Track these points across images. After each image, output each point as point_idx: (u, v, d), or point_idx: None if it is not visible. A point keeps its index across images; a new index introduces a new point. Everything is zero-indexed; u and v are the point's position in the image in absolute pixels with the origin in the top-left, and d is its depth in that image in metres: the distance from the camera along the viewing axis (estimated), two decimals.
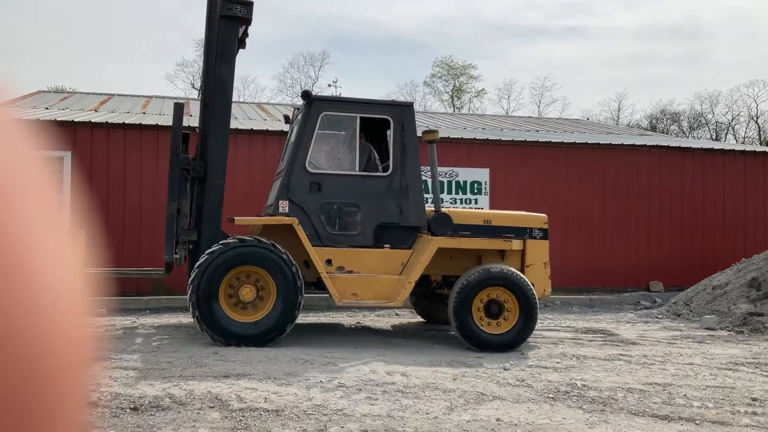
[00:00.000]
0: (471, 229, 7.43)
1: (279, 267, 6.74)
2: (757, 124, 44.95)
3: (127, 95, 17.54)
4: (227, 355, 6.07)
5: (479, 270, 7.03)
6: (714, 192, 12.83)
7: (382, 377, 5.34)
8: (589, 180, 12.32)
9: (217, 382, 4.99)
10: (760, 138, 43.93)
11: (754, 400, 4.88)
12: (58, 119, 10.52)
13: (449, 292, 7.15)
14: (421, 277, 7.22)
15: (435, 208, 7.49)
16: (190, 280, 6.70)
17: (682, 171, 12.76)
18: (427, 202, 8.33)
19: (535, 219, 7.75)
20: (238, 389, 4.78)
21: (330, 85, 38.34)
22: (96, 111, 13.26)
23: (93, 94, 17.50)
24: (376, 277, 7.17)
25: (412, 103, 8.09)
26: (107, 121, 10.60)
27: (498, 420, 4.25)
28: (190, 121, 10.10)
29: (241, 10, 7.17)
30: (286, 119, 8.61)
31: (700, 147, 13.62)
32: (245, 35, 7.63)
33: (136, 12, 62.93)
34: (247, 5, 7.19)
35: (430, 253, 7.10)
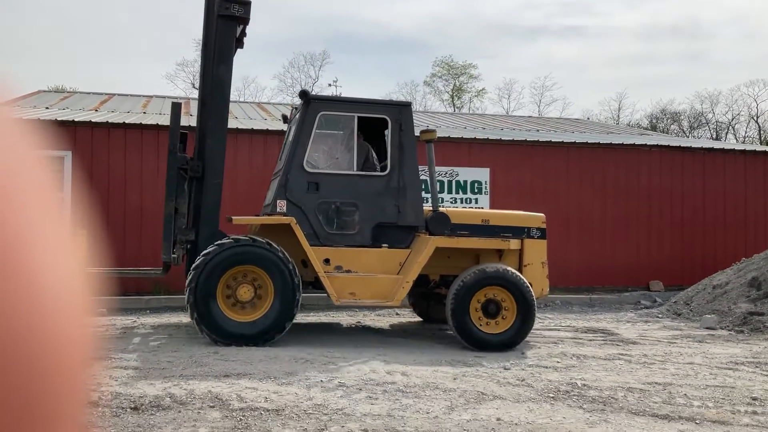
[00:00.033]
0: (469, 229, 7.44)
1: (276, 266, 6.73)
2: (758, 124, 44.96)
3: (127, 95, 17.54)
4: (228, 355, 6.07)
5: (477, 269, 7.03)
6: (714, 191, 12.83)
7: (382, 377, 5.34)
8: (590, 179, 12.32)
9: (217, 382, 4.99)
10: (760, 137, 43.91)
11: (754, 399, 4.89)
12: (59, 119, 10.53)
13: (447, 292, 7.16)
14: (419, 276, 7.22)
15: (433, 208, 7.48)
16: (187, 281, 6.70)
17: (682, 170, 12.76)
18: (426, 202, 8.34)
19: (533, 218, 7.75)
20: (239, 389, 4.79)
21: (330, 85, 38.42)
22: (96, 111, 13.27)
23: (93, 93, 17.50)
24: (374, 276, 7.17)
25: (410, 102, 8.09)
26: (108, 121, 10.60)
27: (498, 419, 4.25)
28: (191, 121, 10.10)
29: (239, 10, 7.15)
30: (284, 119, 8.62)
31: (700, 146, 13.62)
32: (243, 35, 7.61)
33: (136, 12, 63.01)
34: (245, 5, 7.17)
35: (428, 253, 7.10)
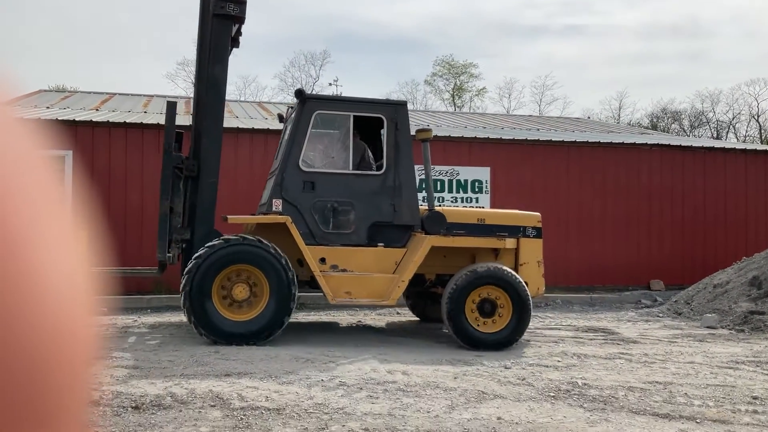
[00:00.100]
0: (465, 228, 7.42)
1: (268, 263, 6.71)
2: (758, 123, 44.93)
3: (128, 94, 17.55)
4: (228, 354, 6.08)
5: (472, 269, 7.03)
6: (715, 191, 12.82)
7: (383, 376, 5.34)
8: (590, 179, 12.32)
9: (218, 381, 4.99)
10: (761, 137, 43.89)
11: (755, 398, 4.89)
12: (60, 118, 10.54)
13: (443, 291, 7.16)
14: (415, 275, 7.22)
15: (429, 207, 7.48)
16: (181, 285, 6.67)
17: (682, 170, 12.75)
18: (423, 202, 8.33)
19: (529, 218, 7.74)
20: (240, 388, 4.79)
21: (331, 84, 38.42)
22: (97, 110, 13.28)
23: (94, 93, 17.51)
24: (370, 275, 7.17)
25: (406, 101, 8.08)
26: (108, 120, 10.61)
27: (499, 419, 4.25)
28: (191, 120, 10.09)
29: (234, 9, 7.13)
30: (280, 118, 8.61)
31: (701, 146, 13.61)
32: (239, 34, 7.60)
33: (136, 12, 63.00)
34: (240, 4, 7.15)
35: (424, 252, 7.10)
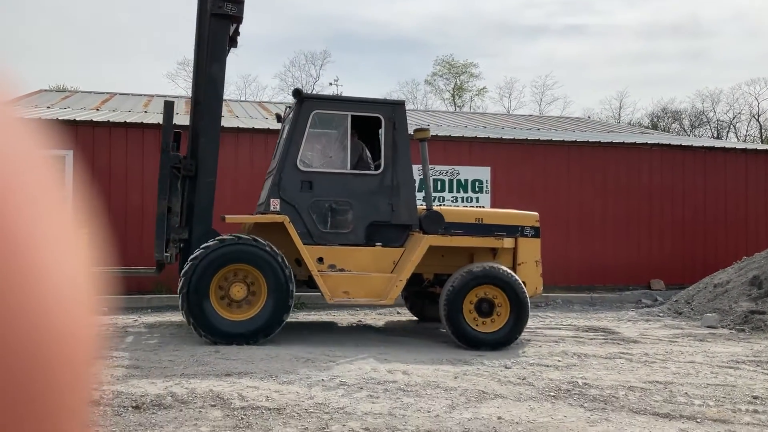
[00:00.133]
0: (463, 228, 7.42)
1: (266, 262, 6.70)
2: (759, 123, 44.91)
3: (128, 94, 17.55)
4: (229, 354, 6.08)
5: (469, 269, 7.03)
6: (715, 190, 12.82)
7: (383, 375, 5.35)
8: (590, 178, 12.31)
9: (218, 381, 5.00)
10: (761, 136, 43.87)
11: (755, 398, 4.88)
12: (60, 118, 10.54)
13: (441, 291, 7.16)
14: (413, 275, 7.22)
15: (427, 207, 7.48)
16: (179, 287, 6.66)
17: (683, 169, 12.75)
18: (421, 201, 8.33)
19: (527, 217, 7.74)
20: (240, 388, 4.79)
21: (331, 84, 38.32)
22: (98, 110, 13.28)
23: (94, 93, 17.52)
24: (368, 275, 7.17)
25: (404, 101, 8.07)
26: (109, 120, 10.61)
27: (499, 418, 4.25)
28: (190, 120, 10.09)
29: (232, 8, 7.12)
30: (278, 118, 8.60)
31: (701, 145, 13.61)
32: (237, 33, 7.59)
33: (136, 12, 63.01)
34: (238, 3, 7.14)
35: (422, 251, 7.10)
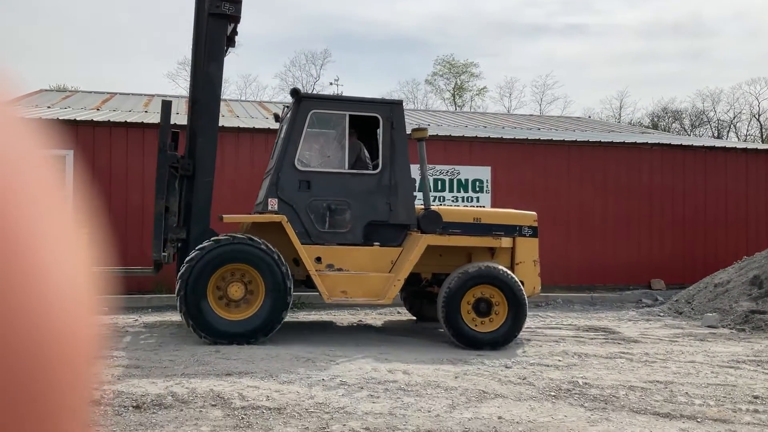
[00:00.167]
0: (461, 227, 7.41)
1: (263, 261, 6.69)
2: (759, 122, 44.89)
3: (129, 94, 17.55)
4: (229, 354, 6.08)
5: (467, 268, 7.03)
6: (716, 190, 12.82)
7: (383, 375, 5.35)
8: (591, 178, 12.31)
9: (219, 381, 5.00)
10: (761, 136, 43.86)
11: (755, 397, 4.88)
12: (61, 118, 10.54)
13: (439, 290, 7.15)
14: (411, 275, 7.23)
15: (425, 206, 7.48)
16: (176, 289, 6.64)
17: (683, 169, 12.75)
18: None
19: (525, 217, 7.74)
20: (240, 387, 4.79)
21: (332, 84, 38.37)
22: (98, 110, 13.28)
23: (95, 92, 17.51)
24: (366, 274, 7.16)
25: (401, 100, 8.06)
26: (109, 120, 10.62)
27: (500, 418, 4.25)
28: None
29: (230, 8, 7.11)
30: (276, 117, 8.60)
31: (701, 145, 13.61)
32: (234, 33, 7.59)
33: (136, 12, 63.02)
34: (236, 3, 7.13)
35: (420, 251, 7.10)
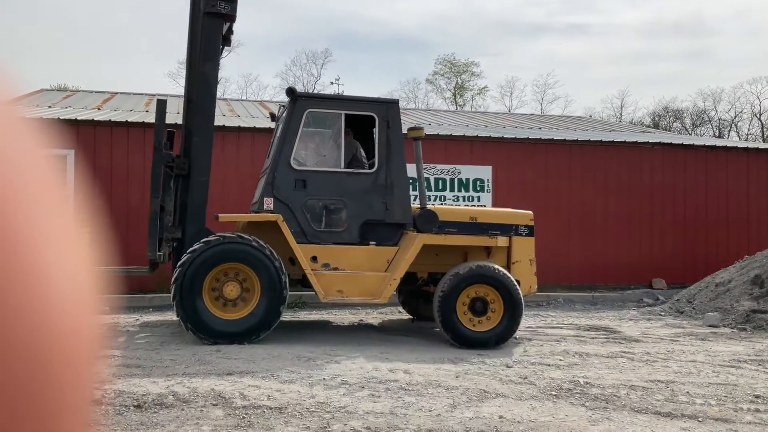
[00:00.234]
0: (457, 226, 7.41)
1: (257, 260, 6.68)
2: (760, 121, 44.84)
3: (129, 93, 17.55)
4: (230, 353, 6.08)
5: (463, 267, 7.03)
6: (717, 189, 12.81)
7: (384, 374, 5.35)
8: (592, 177, 12.31)
9: (220, 380, 5.00)
10: (763, 135, 43.83)
11: (756, 397, 4.88)
12: (62, 117, 10.55)
13: (435, 290, 7.15)
14: (407, 274, 7.22)
15: (421, 205, 7.48)
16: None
17: (684, 168, 12.74)
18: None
19: (521, 216, 7.73)
20: (242, 387, 4.79)
21: (332, 83, 38.40)
22: (99, 109, 13.29)
23: (96, 92, 17.51)
24: (362, 273, 7.16)
25: (397, 100, 8.06)
26: (110, 120, 10.63)
27: (501, 417, 4.25)
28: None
29: (225, 7, 7.10)
30: (272, 117, 8.61)
31: (703, 144, 13.59)
32: (230, 32, 7.58)
33: (136, 12, 63.05)
34: (231, 2, 7.12)
35: (415, 250, 7.10)
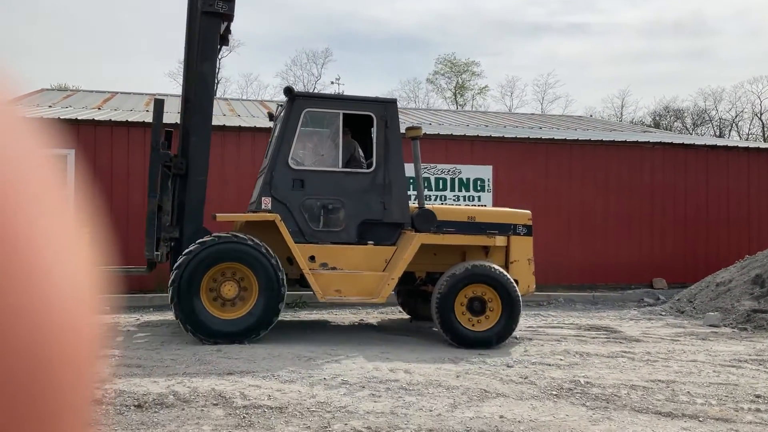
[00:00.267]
0: (455, 226, 7.41)
1: (253, 258, 6.67)
2: (761, 121, 44.83)
3: (130, 93, 17.54)
4: (231, 353, 6.09)
5: (461, 267, 7.03)
6: (717, 189, 12.80)
7: (385, 374, 5.35)
8: (592, 177, 12.30)
9: (220, 380, 5.00)
10: (763, 135, 43.81)
11: (757, 396, 4.88)
12: (62, 117, 10.56)
13: (433, 289, 7.15)
14: (405, 273, 7.22)
15: (419, 205, 7.48)
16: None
17: (685, 168, 12.74)
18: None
19: (519, 215, 7.73)
20: (242, 386, 4.79)
21: (333, 83, 38.40)
22: (99, 109, 13.29)
23: (96, 92, 17.51)
24: (360, 273, 7.16)
25: (395, 99, 8.04)
26: (111, 119, 10.63)
27: (501, 417, 4.25)
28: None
29: (223, 7, 7.09)
30: (270, 116, 8.61)
31: (703, 144, 13.58)
32: (227, 32, 7.58)
33: (136, 12, 63.05)
34: (229, 1, 7.12)
35: (413, 250, 7.10)
